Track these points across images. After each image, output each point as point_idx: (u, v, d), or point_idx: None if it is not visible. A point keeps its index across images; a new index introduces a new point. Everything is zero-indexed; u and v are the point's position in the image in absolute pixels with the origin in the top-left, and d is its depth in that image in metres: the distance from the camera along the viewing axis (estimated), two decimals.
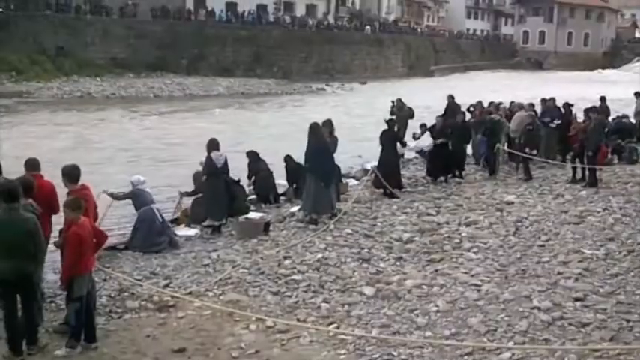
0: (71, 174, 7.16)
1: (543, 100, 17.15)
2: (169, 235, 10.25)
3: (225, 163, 10.85)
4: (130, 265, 9.18)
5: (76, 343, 6.29)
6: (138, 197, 10.24)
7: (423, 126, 16.28)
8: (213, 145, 10.79)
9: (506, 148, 15.48)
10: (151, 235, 9.97)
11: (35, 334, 6.38)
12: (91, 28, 45.59)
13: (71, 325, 6.32)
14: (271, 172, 13.29)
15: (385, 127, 13.57)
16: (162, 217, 10.37)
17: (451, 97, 18.54)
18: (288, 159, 13.51)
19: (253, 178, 13.08)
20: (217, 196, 10.86)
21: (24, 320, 6.24)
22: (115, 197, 10.39)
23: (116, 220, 11.42)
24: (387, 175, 13.09)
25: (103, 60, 45.25)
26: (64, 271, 6.35)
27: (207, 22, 51.90)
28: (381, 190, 13.19)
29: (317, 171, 11.04)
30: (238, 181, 12.28)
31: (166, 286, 8.11)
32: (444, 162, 14.49)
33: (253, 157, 13.30)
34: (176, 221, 11.67)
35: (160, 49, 47.86)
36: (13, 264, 5.95)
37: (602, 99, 18.56)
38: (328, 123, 12.00)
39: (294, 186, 13.25)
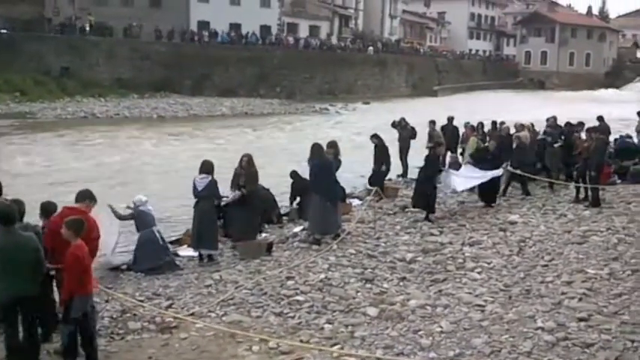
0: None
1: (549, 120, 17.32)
2: (169, 257, 10.25)
3: (209, 186, 10.24)
4: (132, 286, 9.17)
5: None
6: (140, 218, 10.26)
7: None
8: (201, 167, 10.41)
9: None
10: (152, 256, 9.98)
11: (37, 355, 6.34)
12: (95, 49, 45.95)
13: (65, 345, 6.29)
14: (268, 189, 13.23)
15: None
16: (163, 239, 10.40)
17: (450, 119, 19.16)
18: (294, 174, 13.48)
19: None
20: (196, 222, 10.45)
21: (25, 341, 6.21)
22: (118, 216, 10.31)
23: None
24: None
25: (107, 81, 45.58)
26: (63, 293, 6.33)
27: (210, 43, 52.25)
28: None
29: (322, 189, 11.03)
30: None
31: (169, 307, 8.09)
32: None
33: None
34: (178, 241, 11.66)
35: (164, 69, 48.19)
36: (14, 285, 5.95)
37: (600, 118, 18.56)
38: (333, 144, 11.85)
39: (297, 203, 13.22)
